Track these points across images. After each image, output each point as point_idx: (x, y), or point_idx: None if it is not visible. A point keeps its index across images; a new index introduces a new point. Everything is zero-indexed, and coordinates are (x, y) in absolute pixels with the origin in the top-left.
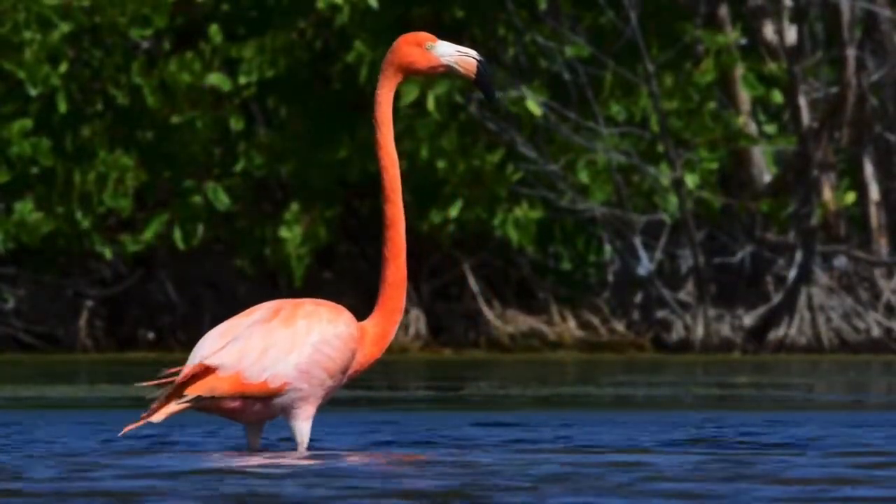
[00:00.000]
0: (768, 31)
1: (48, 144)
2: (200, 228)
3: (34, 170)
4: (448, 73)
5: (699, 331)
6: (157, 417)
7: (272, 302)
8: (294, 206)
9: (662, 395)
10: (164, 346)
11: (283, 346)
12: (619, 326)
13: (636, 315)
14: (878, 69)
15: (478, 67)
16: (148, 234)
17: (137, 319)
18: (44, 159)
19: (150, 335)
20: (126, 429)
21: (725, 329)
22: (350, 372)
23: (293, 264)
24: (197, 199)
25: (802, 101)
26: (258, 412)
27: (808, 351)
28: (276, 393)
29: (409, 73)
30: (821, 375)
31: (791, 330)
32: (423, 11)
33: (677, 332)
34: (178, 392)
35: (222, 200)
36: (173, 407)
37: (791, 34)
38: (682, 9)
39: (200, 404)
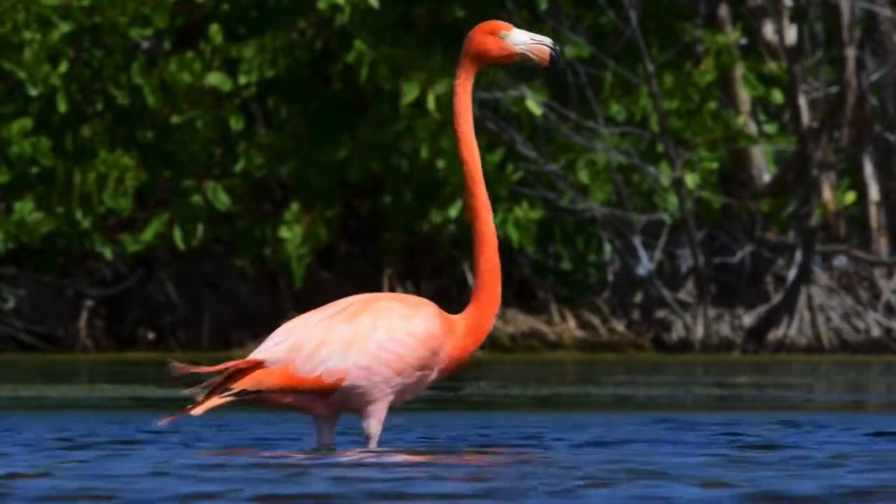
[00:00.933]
0: (768, 30)
1: (48, 144)
2: (200, 228)
3: (34, 170)
4: (522, 61)
5: (699, 331)
6: (198, 411)
7: (353, 297)
8: (294, 206)
9: (662, 395)
10: (164, 346)
11: (340, 341)
12: (619, 326)
13: (636, 315)
14: (878, 69)
15: (551, 55)
16: (148, 234)
17: (137, 319)
18: (44, 159)
19: (150, 335)
20: (164, 420)
21: (725, 329)
22: (442, 367)
23: (293, 264)
24: (197, 199)
25: (802, 101)
26: (318, 407)
27: (808, 351)
28: (332, 388)
29: (485, 62)
30: (820, 375)
31: (791, 330)
32: (423, 11)
33: (677, 332)
34: (223, 386)
35: (222, 200)
36: (216, 401)
37: (791, 34)
38: (682, 9)
39: (247, 398)
